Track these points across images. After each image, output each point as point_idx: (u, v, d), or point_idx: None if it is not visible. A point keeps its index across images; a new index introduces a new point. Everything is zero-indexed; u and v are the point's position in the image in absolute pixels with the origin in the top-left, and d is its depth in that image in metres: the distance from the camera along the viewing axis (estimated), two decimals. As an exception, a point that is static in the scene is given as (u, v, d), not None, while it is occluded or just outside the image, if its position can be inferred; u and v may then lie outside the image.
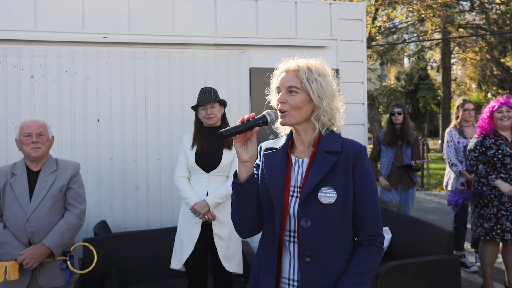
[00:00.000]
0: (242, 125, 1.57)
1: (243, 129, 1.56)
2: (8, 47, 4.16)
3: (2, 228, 2.59)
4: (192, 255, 3.05)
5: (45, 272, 2.62)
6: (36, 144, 2.65)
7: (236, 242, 3.16)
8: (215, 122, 3.18)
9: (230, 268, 3.08)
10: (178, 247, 3.13)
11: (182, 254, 3.06)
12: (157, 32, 4.43)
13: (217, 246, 3.05)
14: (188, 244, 3.04)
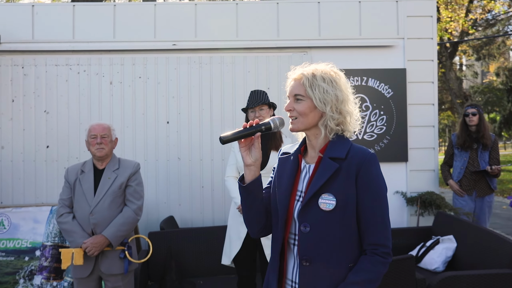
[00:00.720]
0: (242, 131, 1.63)
1: (242, 135, 1.62)
2: (91, 56, 4.63)
3: (71, 218, 2.94)
4: (240, 252, 3.17)
5: (106, 260, 2.92)
6: (100, 145, 2.96)
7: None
8: (264, 124, 3.26)
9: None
10: (227, 244, 3.28)
11: (231, 251, 3.20)
12: (221, 38, 4.63)
13: (263, 245, 3.14)
14: (236, 241, 3.17)
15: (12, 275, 4.15)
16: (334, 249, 1.55)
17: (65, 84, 4.63)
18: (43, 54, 4.62)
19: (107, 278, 2.95)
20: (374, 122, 4.67)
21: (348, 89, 1.68)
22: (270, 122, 1.65)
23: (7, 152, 4.64)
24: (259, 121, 1.66)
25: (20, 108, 4.64)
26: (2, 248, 4.24)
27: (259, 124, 1.64)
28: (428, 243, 3.98)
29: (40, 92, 4.64)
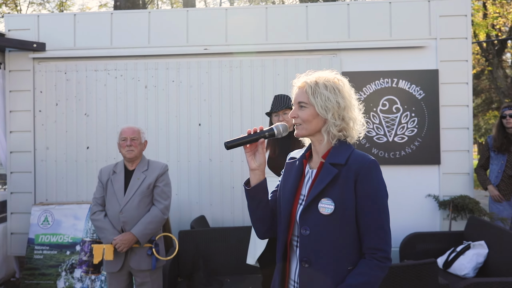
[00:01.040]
0: (246, 137, 1.71)
1: (246, 141, 1.70)
2: (128, 62, 4.86)
3: (103, 216, 3.13)
4: (264, 253, 3.25)
5: (134, 256, 3.08)
6: (130, 147, 3.13)
7: None
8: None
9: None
10: (252, 244, 3.37)
11: (256, 251, 3.28)
12: (251, 41, 4.73)
13: None
14: (260, 242, 3.25)
15: (55, 268, 4.44)
16: (333, 251, 1.59)
17: (103, 88, 4.88)
18: (84, 60, 4.89)
19: (136, 273, 3.11)
20: (405, 124, 4.61)
21: (351, 96, 1.72)
22: (273, 128, 1.72)
23: (51, 152, 4.95)
24: (263, 128, 1.73)
25: (63, 111, 4.93)
26: (46, 242, 4.54)
27: (263, 130, 1.71)
28: (459, 248, 3.90)
29: (81, 96, 4.91)
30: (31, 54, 4.89)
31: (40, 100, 4.95)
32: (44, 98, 4.95)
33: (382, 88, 4.62)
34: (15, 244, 4.98)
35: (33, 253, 4.52)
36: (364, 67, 4.64)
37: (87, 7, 24.13)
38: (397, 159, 4.61)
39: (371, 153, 4.62)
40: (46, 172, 4.96)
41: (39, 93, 4.95)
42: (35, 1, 23.36)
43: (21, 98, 4.96)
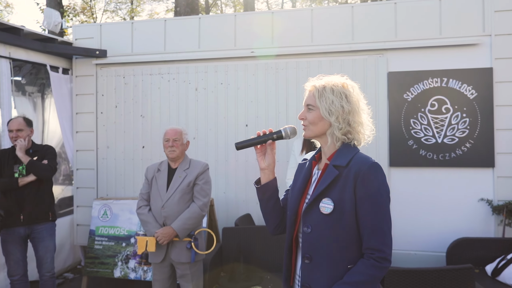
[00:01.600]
0: (255, 138, 1.80)
1: (255, 143, 1.80)
2: (180, 65, 5.13)
3: (147, 211, 3.37)
4: None
5: (175, 249, 3.28)
6: (172, 147, 3.33)
7: None
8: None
9: None
10: None
11: None
12: (297, 43, 4.79)
13: None
14: None
15: (112, 258, 4.80)
16: (333, 249, 1.65)
17: (157, 91, 5.19)
18: (140, 65, 5.23)
19: (177, 265, 3.31)
20: (456, 125, 4.44)
21: (359, 101, 1.76)
22: (281, 131, 1.81)
23: (111, 151, 5.35)
24: (272, 130, 1.82)
25: (122, 113, 5.31)
26: (105, 234, 4.91)
27: (271, 132, 1.80)
28: (509, 256, 3.71)
29: (137, 98, 5.26)
30: (94, 60, 5.32)
31: (102, 102, 5.36)
32: (105, 101, 5.35)
33: (430, 88, 4.48)
34: (80, 234, 5.44)
35: (93, 243, 4.92)
36: (412, 67, 4.53)
37: (156, 12, 25.34)
38: (447, 161, 4.45)
39: (419, 154, 4.51)
40: (106, 169, 5.37)
41: (101, 96, 5.36)
42: (108, 9, 25.00)
43: (86, 101, 5.41)
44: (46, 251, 3.87)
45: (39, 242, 3.84)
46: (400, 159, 4.58)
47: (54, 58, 5.18)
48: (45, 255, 3.86)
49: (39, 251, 3.86)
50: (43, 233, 3.84)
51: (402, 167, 4.60)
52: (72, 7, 23.61)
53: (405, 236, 4.61)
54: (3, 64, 4.54)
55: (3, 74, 4.54)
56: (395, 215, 4.56)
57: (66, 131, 5.44)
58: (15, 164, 3.77)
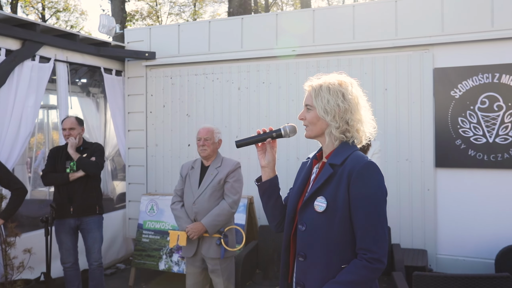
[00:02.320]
0: (255, 137, 1.82)
1: (255, 141, 1.81)
2: (223, 65, 5.24)
3: (180, 206, 3.49)
4: None
5: (205, 244, 3.37)
6: (203, 146, 3.42)
7: None
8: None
9: None
10: None
11: None
12: (338, 41, 4.72)
13: None
14: None
15: (157, 251, 5.02)
16: (327, 248, 1.64)
17: (202, 91, 5.34)
18: (186, 66, 5.42)
19: (207, 260, 3.40)
20: (509, 123, 4.14)
21: (358, 98, 1.73)
22: (281, 129, 1.82)
23: (159, 149, 5.59)
24: (272, 128, 1.83)
25: (169, 112, 5.53)
26: (152, 228, 5.15)
27: (271, 131, 1.81)
28: None
29: (184, 98, 5.45)
30: (144, 62, 5.58)
31: (151, 102, 5.62)
32: (154, 101, 5.60)
33: (481, 84, 4.22)
34: (131, 228, 5.74)
35: (141, 236, 5.17)
36: (460, 62, 4.30)
37: (217, 14, 25.94)
38: (499, 162, 4.17)
39: (467, 155, 4.26)
40: (155, 166, 5.62)
41: (150, 96, 5.62)
42: (173, 12, 25.98)
43: (136, 101, 5.70)
44: (94, 241, 4.13)
45: (87, 233, 4.11)
46: (447, 159, 4.36)
47: (107, 61, 5.51)
48: (93, 246, 4.13)
49: (87, 241, 4.13)
50: (91, 225, 4.10)
51: (449, 168, 4.38)
52: (139, 11, 24.86)
53: (452, 241, 4.39)
54: (61, 68, 4.90)
55: (61, 77, 4.90)
56: (442, 218, 4.37)
57: (119, 130, 5.76)
58: (67, 160, 4.06)
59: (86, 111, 6.84)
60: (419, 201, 4.47)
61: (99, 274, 4.20)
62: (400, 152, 4.52)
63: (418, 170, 4.46)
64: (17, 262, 4.10)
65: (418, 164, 4.46)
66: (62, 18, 24.75)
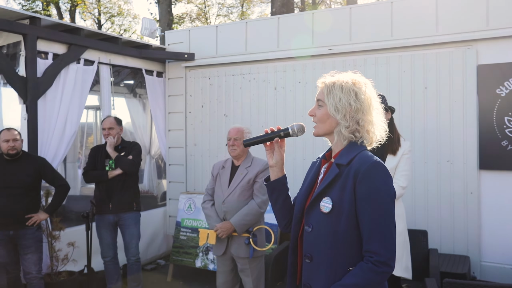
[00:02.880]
0: (262, 136, 1.81)
1: (262, 140, 1.80)
2: (260, 65, 5.25)
3: (210, 205, 3.54)
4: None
5: (234, 243, 3.39)
6: (233, 146, 3.45)
7: (402, 247, 3.11)
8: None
9: (397, 272, 3.08)
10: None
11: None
12: (376, 38, 4.59)
13: None
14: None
15: (194, 249, 5.12)
16: (333, 250, 1.60)
17: (239, 91, 5.39)
18: (224, 67, 5.48)
19: (237, 259, 3.43)
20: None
21: (371, 99, 1.69)
22: (289, 128, 1.80)
23: (198, 148, 5.70)
24: (280, 127, 1.82)
25: (207, 112, 5.62)
26: (189, 226, 5.26)
27: (279, 130, 1.80)
28: None
29: (221, 98, 5.52)
30: (183, 63, 5.71)
31: (190, 103, 5.74)
32: (193, 101, 5.72)
33: (529, 81, 3.96)
34: (171, 225, 5.89)
35: (179, 234, 5.30)
36: (507, 58, 4.05)
37: (265, 14, 26.02)
38: (549, 165, 3.90)
39: (514, 157, 4.02)
40: (194, 165, 5.73)
41: (189, 97, 5.74)
42: (221, 14, 26.38)
43: (176, 101, 5.84)
44: (131, 237, 4.28)
45: (125, 229, 4.27)
46: (492, 161, 4.13)
47: (149, 63, 5.69)
48: (130, 241, 4.28)
49: (125, 237, 4.29)
50: (128, 221, 4.25)
51: (494, 170, 4.14)
52: (188, 13, 25.45)
53: (498, 247, 4.15)
54: (104, 70, 5.12)
55: (104, 78, 5.12)
56: (486, 223, 4.15)
57: (160, 129, 5.93)
58: (106, 159, 4.24)
59: (133, 111, 7.09)
60: (461, 205, 4.26)
61: (136, 269, 4.35)
62: (441, 153, 4.33)
63: (460, 172, 4.26)
64: (62, 255, 4.33)
65: (460, 165, 4.26)
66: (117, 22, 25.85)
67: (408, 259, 3.15)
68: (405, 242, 3.14)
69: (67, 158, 7.07)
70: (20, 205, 3.74)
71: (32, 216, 3.79)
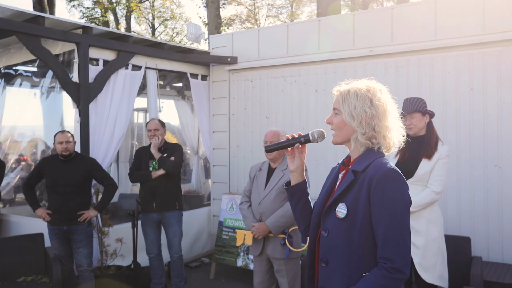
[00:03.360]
0: (284, 142, 1.85)
1: (283, 146, 1.84)
2: (301, 68, 5.29)
3: (247, 206, 3.62)
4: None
5: (270, 244, 3.45)
6: (269, 148, 3.52)
7: (436, 254, 3.03)
8: (415, 132, 3.17)
9: (428, 279, 3.02)
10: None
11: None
12: (418, 39, 4.49)
13: (412, 254, 3.05)
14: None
15: (236, 248, 5.24)
16: (348, 255, 1.64)
17: (280, 93, 5.45)
18: (265, 69, 5.56)
19: (273, 260, 3.49)
20: None
21: (386, 104, 1.70)
22: (309, 134, 1.83)
23: (241, 150, 5.82)
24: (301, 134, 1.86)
25: (250, 115, 5.73)
26: (231, 225, 5.39)
27: (300, 136, 1.84)
28: None
29: (263, 100, 5.60)
30: (227, 66, 5.85)
31: (233, 105, 5.87)
32: (235, 104, 5.85)
33: None
34: (214, 224, 6.05)
35: (221, 233, 5.44)
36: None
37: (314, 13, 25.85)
38: None
39: None
40: (237, 167, 5.86)
41: (232, 99, 5.87)
42: (270, 15, 26.51)
43: (220, 104, 5.99)
44: (174, 235, 4.46)
45: (168, 227, 4.46)
46: (543, 166, 3.92)
47: (193, 67, 5.88)
48: (173, 239, 4.46)
49: (168, 235, 4.48)
50: (171, 219, 4.44)
51: (546, 176, 3.93)
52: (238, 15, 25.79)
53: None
54: (151, 74, 5.36)
55: (151, 83, 5.37)
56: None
57: (204, 131, 6.11)
58: (150, 160, 4.45)
59: (182, 113, 7.36)
60: (511, 211, 4.08)
61: (179, 265, 4.53)
62: (488, 157, 4.16)
63: (509, 177, 4.08)
64: (111, 250, 4.59)
65: (509, 170, 4.07)
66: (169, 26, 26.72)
67: (444, 267, 3.07)
68: (439, 249, 3.06)
69: (120, 158, 7.44)
70: (72, 202, 4.02)
71: (84, 213, 4.05)
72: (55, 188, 4.03)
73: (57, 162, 4.10)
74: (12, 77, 6.00)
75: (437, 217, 3.09)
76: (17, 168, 6.95)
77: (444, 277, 3.06)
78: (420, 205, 3.04)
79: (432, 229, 3.05)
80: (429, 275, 3.03)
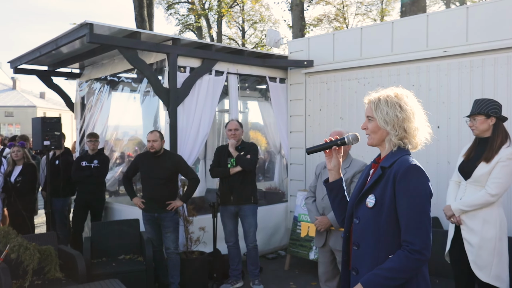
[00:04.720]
0: (323, 144, 2.11)
1: (322, 148, 2.10)
2: (374, 70, 5.41)
3: (311, 201, 3.90)
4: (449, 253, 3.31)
5: (332, 237, 3.69)
6: (333, 148, 3.76)
7: (491, 253, 3.05)
8: (477, 133, 3.21)
9: (482, 277, 3.06)
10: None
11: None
12: (495, 37, 4.39)
13: (467, 251, 3.13)
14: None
15: (308, 242, 5.50)
16: (376, 239, 1.90)
17: (354, 95, 5.61)
18: (340, 72, 5.76)
19: (336, 252, 3.74)
20: None
21: (413, 108, 1.91)
22: (344, 138, 2.09)
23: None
24: (338, 137, 2.12)
25: (325, 116, 5.96)
26: (304, 221, 5.68)
27: (337, 139, 2.11)
28: None
29: (338, 102, 5.81)
30: (303, 70, 6.15)
31: (309, 106, 6.15)
32: (311, 105, 6.12)
33: None
34: (291, 219, 6.38)
35: (296, 227, 5.75)
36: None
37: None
38: None
39: None
40: (312, 165, 6.12)
41: (308, 101, 6.16)
42: (359, 13, 26.11)
43: (297, 105, 6.31)
44: (250, 226, 4.88)
45: (244, 219, 4.89)
46: None
47: (272, 70, 6.27)
48: (249, 230, 4.89)
49: (244, 226, 4.91)
50: (247, 212, 4.86)
51: None
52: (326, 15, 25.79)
53: None
54: (233, 79, 5.85)
55: (232, 87, 5.86)
56: None
57: (282, 131, 6.47)
58: (229, 157, 4.91)
59: (265, 114, 7.80)
60: None
61: (254, 254, 4.94)
62: None
63: None
64: (195, 237, 5.14)
65: None
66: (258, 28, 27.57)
67: (501, 268, 3.07)
68: (496, 249, 3.07)
69: (207, 156, 8.09)
70: (161, 193, 4.62)
71: (171, 202, 4.63)
72: (147, 180, 4.67)
73: (149, 157, 4.73)
74: (116, 83, 6.91)
75: (496, 218, 3.10)
76: (122, 163, 7.92)
77: (502, 278, 3.07)
78: (473, 205, 3.10)
79: (488, 229, 3.08)
80: (484, 274, 3.07)
